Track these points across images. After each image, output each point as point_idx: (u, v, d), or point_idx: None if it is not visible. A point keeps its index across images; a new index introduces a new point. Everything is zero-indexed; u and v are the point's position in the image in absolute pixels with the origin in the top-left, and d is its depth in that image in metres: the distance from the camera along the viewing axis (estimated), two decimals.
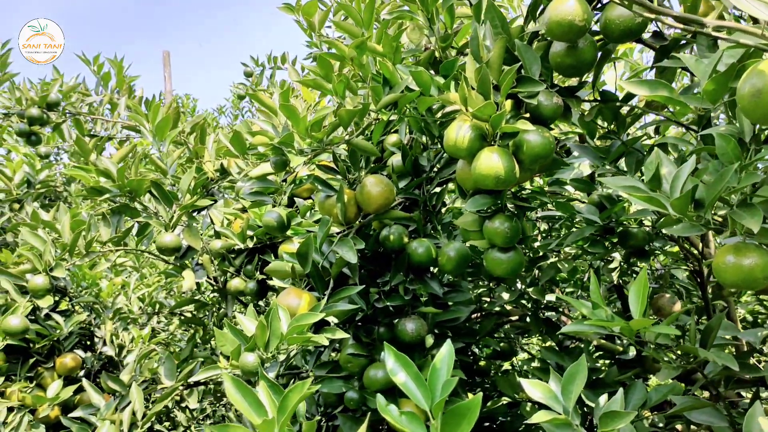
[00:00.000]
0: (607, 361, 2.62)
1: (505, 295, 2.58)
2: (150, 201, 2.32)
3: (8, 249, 2.67)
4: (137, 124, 2.37)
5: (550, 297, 2.60)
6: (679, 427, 2.28)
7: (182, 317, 3.59)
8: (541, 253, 2.64)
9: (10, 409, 2.63)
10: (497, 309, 2.67)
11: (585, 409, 2.19)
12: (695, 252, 2.24)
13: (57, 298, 2.99)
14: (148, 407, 2.27)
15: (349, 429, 1.90)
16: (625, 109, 1.87)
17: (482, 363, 2.87)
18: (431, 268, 1.96)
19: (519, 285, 2.64)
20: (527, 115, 1.51)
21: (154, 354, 2.77)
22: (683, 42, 1.49)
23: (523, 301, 2.69)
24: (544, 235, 2.92)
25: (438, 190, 2.00)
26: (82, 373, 3.00)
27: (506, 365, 3.81)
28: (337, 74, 1.59)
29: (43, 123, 3.07)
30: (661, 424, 2.31)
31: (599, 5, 1.47)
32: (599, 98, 1.66)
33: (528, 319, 2.68)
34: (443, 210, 2.47)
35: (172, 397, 2.30)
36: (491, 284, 2.78)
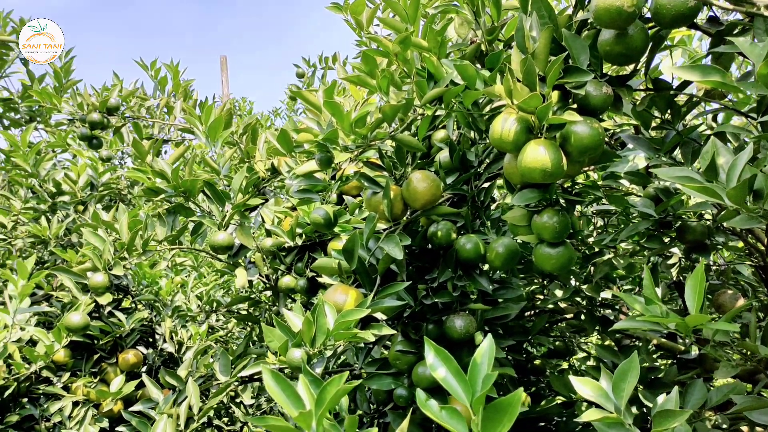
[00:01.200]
0: (669, 361, 2.54)
1: (559, 292, 2.53)
2: (203, 201, 2.37)
3: (73, 249, 2.78)
4: (192, 126, 2.43)
5: (606, 294, 2.53)
6: (744, 428, 2.19)
7: (238, 315, 3.66)
8: (596, 249, 2.57)
9: (75, 404, 2.74)
10: (550, 306, 2.62)
11: (644, 409, 2.13)
12: (761, 246, 2.14)
13: (120, 296, 3.10)
14: (205, 402, 2.32)
15: (398, 425, 1.89)
16: (683, 99, 1.81)
17: (537, 362, 2.82)
18: (480, 265, 1.93)
19: (573, 282, 2.59)
20: (575, 105, 1.47)
21: (212, 350, 2.84)
22: (745, 28, 1.43)
23: (578, 299, 2.63)
24: (600, 230, 2.84)
25: (487, 185, 1.97)
26: (144, 368, 3.10)
27: (564, 365, 3.73)
28: (381, 70, 1.59)
29: (103, 127, 3.18)
30: (724, 425, 2.23)
31: None
32: (652, 87, 1.60)
33: (583, 317, 2.62)
34: (493, 205, 2.43)
35: (227, 392, 2.35)
36: (544, 281, 2.72)
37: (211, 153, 2.64)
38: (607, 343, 2.77)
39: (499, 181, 2.15)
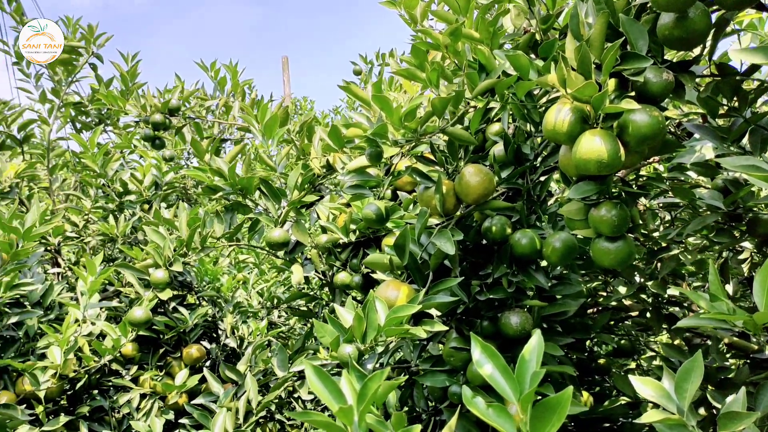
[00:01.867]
0: (741, 361, 2.42)
1: (622, 289, 2.44)
2: (260, 198, 2.41)
3: (138, 246, 2.87)
4: (249, 125, 2.46)
5: (674, 291, 2.43)
6: None
7: (297, 311, 3.71)
8: (663, 244, 2.47)
9: (142, 396, 2.83)
10: (614, 303, 2.53)
11: (713, 410, 2.04)
12: None
13: (184, 293, 3.19)
14: (264, 396, 2.35)
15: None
16: (754, 84, 1.71)
17: (602, 361, 2.73)
18: (537, 260, 1.88)
19: (638, 278, 2.49)
20: (633, 93, 1.41)
21: (275, 345, 2.87)
22: None
23: (643, 296, 2.54)
24: (667, 224, 2.73)
25: (543, 178, 1.92)
26: (207, 363, 3.17)
27: (632, 364, 3.61)
28: (431, 62, 1.57)
29: (165, 128, 3.28)
30: None
31: None
32: (717, 72, 1.52)
33: (648, 315, 2.52)
34: (551, 200, 2.37)
35: (285, 387, 2.37)
36: (608, 277, 2.64)
37: (273, 151, 2.68)
38: (676, 342, 2.66)
39: (557, 175, 2.10)
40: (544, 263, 1.98)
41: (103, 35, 3.71)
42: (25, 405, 2.45)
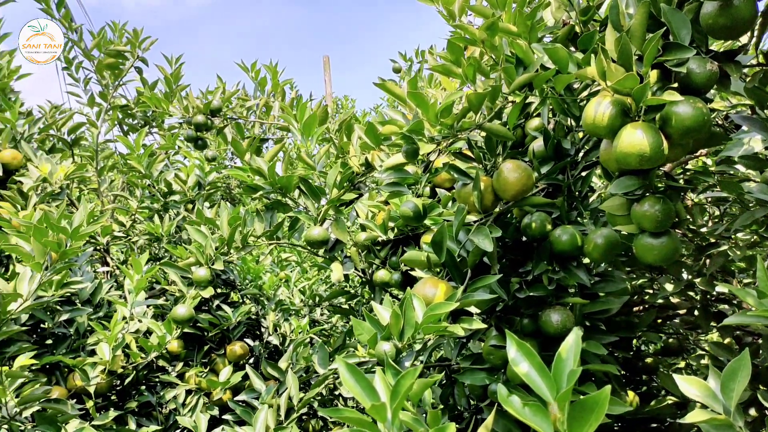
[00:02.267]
0: None
1: (669, 286, 2.38)
2: (300, 196, 2.43)
3: (183, 245, 2.93)
4: (288, 124, 2.49)
5: (723, 288, 2.36)
6: None
7: (338, 308, 3.73)
8: (712, 240, 2.40)
9: (188, 392, 2.89)
10: (660, 301, 2.47)
11: (765, 411, 1.97)
12: None
13: (227, 291, 3.24)
14: (305, 393, 2.37)
15: (495, 423, 1.85)
16: None
17: (649, 360, 2.67)
18: (579, 257, 1.85)
19: (685, 275, 2.43)
20: (675, 85, 1.37)
21: (316, 343, 2.89)
22: None
23: (691, 293, 2.47)
24: (716, 219, 2.65)
25: (584, 174, 1.88)
26: (251, 360, 3.22)
27: (681, 363, 3.52)
28: (467, 58, 1.55)
29: (207, 128, 3.33)
30: None
31: None
32: (764, 62, 1.47)
33: (696, 313, 2.45)
34: (593, 195, 2.33)
35: (326, 384, 2.39)
36: (654, 274, 2.58)
37: (314, 150, 2.70)
38: (726, 340, 2.59)
39: (599, 170, 2.06)
40: (586, 260, 1.94)
41: (148, 39, 3.78)
42: (75, 400, 2.52)
